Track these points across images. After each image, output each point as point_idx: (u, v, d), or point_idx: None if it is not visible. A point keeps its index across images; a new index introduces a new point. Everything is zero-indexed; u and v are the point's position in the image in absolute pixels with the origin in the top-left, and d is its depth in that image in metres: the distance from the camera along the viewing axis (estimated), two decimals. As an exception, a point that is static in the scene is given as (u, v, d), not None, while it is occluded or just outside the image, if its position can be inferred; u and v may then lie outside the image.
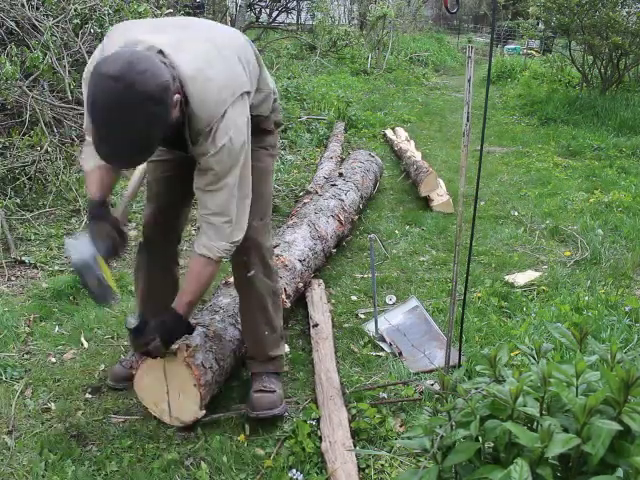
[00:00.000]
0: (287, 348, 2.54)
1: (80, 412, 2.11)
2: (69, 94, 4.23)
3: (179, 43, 1.62)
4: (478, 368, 1.23)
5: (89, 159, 1.80)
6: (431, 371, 2.37)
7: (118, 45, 1.58)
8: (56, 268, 3.19)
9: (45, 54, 4.10)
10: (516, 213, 4.39)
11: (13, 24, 4.33)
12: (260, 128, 1.92)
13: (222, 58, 1.67)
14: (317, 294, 2.89)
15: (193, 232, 3.58)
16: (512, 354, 2.18)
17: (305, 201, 3.68)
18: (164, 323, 1.84)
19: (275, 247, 2.88)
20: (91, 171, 1.83)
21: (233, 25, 10.44)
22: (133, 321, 1.80)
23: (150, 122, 1.47)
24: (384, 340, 2.61)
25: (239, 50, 1.77)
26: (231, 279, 2.34)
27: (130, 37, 1.61)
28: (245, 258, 1.97)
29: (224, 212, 1.73)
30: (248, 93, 1.72)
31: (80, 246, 1.69)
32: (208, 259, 1.77)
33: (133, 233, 3.58)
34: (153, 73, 1.45)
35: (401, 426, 2.07)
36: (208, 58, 1.64)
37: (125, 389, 2.20)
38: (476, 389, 1.07)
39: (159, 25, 1.79)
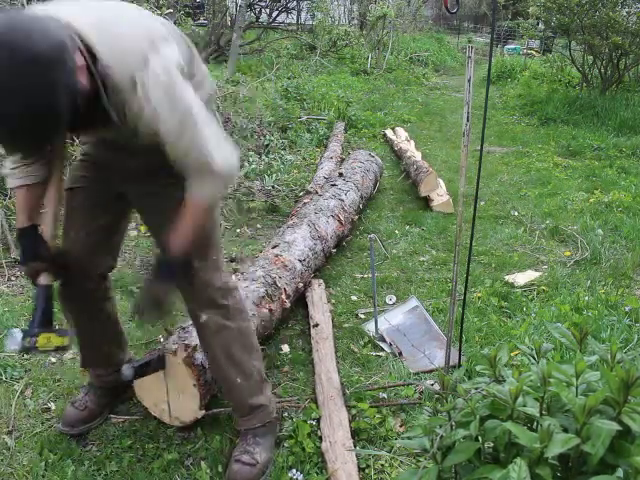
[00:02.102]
0: (287, 348, 2.54)
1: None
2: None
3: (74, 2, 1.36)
4: (478, 368, 1.23)
5: (11, 176, 1.62)
6: (431, 371, 2.37)
7: None
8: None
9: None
10: (516, 213, 4.39)
11: (13, 24, 4.33)
12: None
13: (128, 13, 1.41)
14: (317, 294, 2.89)
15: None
16: (512, 354, 2.18)
17: (305, 201, 3.69)
18: (172, 266, 1.57)
19: (275, 247, 2.89)
20: (17, 189, 1.64)
21: (233, 25, 10.42)
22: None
23: (49, 89, 1.16)
24: (384, 340, 2.61)
25: (158, 18, 1.49)
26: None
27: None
28: (191, 304, 1.74)
29: (201, 152, 1.41)
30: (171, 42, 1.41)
31: (12, 340, 1.66)
32: (203, 208, 1.53)
33: (133, 233, 3.58)
34: (42, 32, 1.16)
35: (401, 426, 2.07)
36: (111, 13, 1.37)
37: (81, 434, 1.98)
38: (476, 389, 1.07)
39: None
